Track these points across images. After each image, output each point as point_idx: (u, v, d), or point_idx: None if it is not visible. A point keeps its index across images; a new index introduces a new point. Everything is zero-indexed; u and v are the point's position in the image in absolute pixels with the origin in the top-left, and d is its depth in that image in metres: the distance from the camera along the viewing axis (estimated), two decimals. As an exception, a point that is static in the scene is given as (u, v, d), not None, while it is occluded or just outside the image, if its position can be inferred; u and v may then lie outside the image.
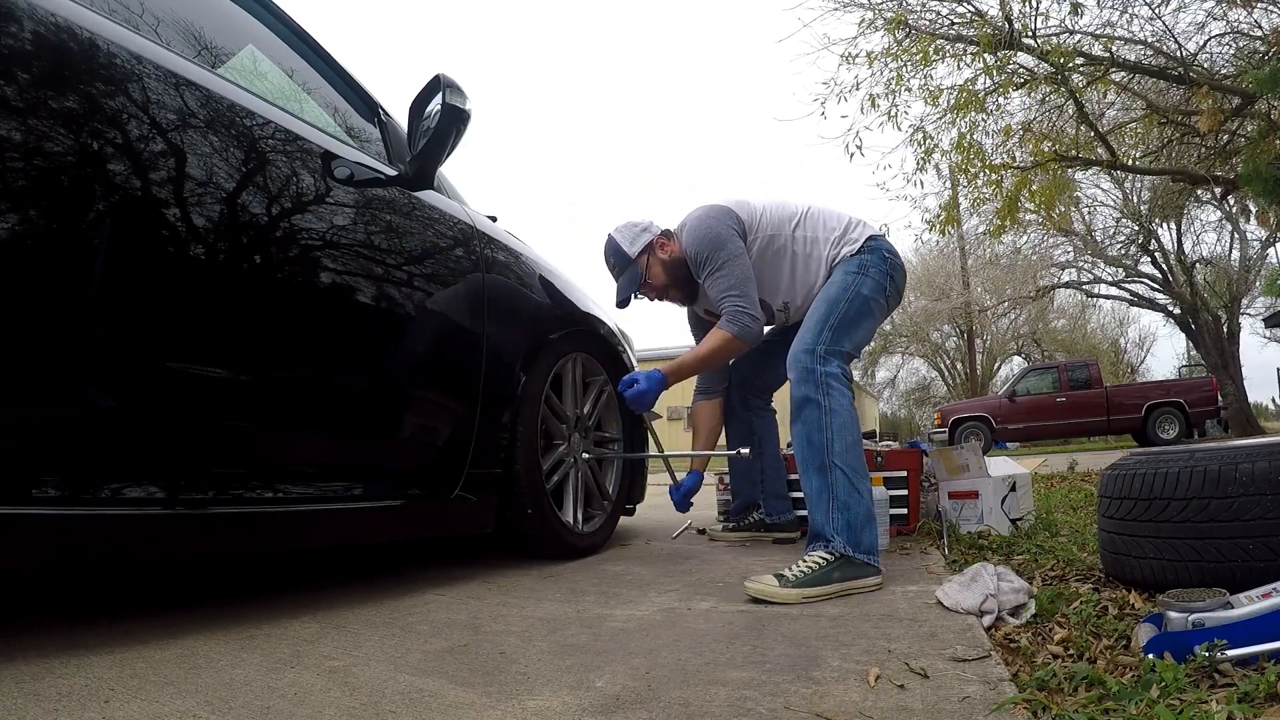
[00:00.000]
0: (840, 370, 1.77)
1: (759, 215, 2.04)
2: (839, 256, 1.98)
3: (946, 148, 7.13)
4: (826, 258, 2.00)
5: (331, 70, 1.77)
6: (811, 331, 1.82)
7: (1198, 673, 0.91)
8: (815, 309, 1.89)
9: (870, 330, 1.93)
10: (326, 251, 1.45)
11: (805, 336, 1.82)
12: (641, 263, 2.14)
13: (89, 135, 1.06)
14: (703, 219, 2.02)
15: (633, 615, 1.40)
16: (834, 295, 1.88)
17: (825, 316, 1.84)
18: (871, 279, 1.92)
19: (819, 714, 0.86)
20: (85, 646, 1.11)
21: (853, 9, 6.84)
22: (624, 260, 2.14)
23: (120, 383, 1.11)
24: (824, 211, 2.07)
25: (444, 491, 1.73)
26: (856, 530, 1.62)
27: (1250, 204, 9.75)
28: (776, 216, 2.04)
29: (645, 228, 2.16)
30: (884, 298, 1.94)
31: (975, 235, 13.45)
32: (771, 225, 2.03)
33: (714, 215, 2.01)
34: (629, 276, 2.15)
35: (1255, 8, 6.58)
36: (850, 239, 1.99)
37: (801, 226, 2.03)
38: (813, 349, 1.78)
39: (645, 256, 2.14)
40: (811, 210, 2.07)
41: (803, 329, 1.86)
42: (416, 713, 0.89)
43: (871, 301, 1.90)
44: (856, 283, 1.90)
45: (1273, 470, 1.24)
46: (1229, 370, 13.69)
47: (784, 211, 2.06)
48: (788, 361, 1.83)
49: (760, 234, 2.03)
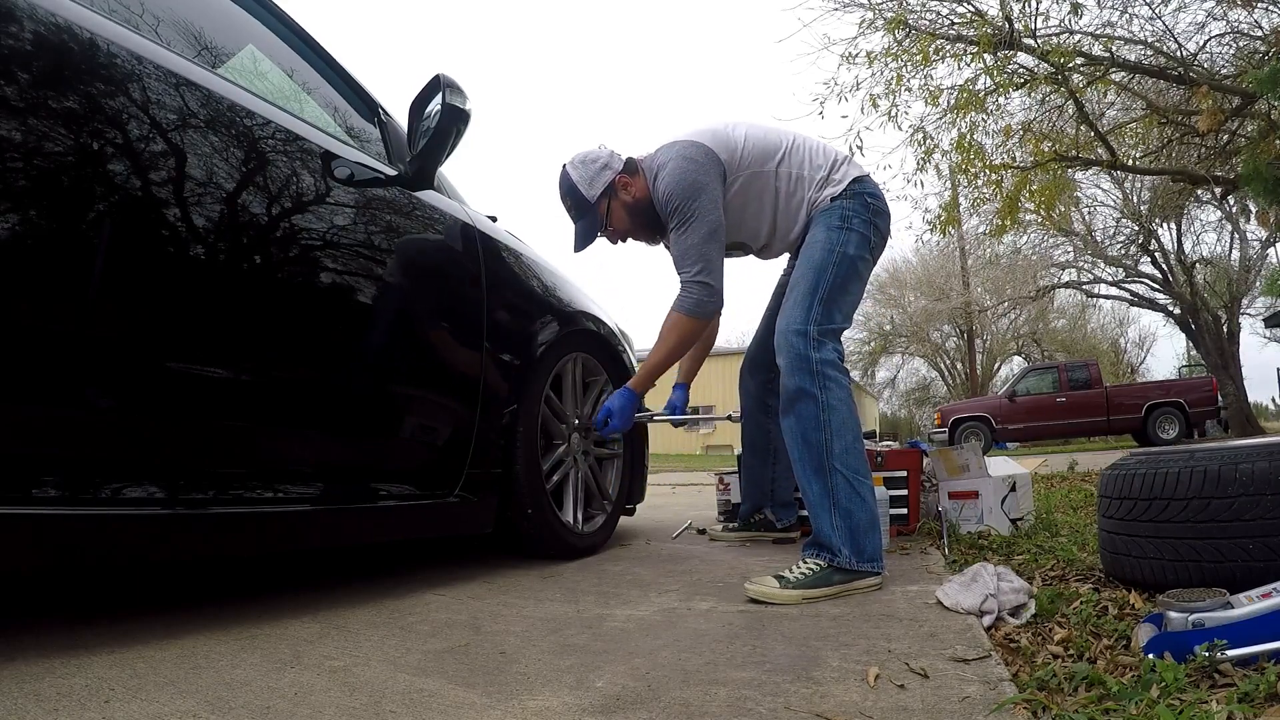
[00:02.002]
0: (836, 355, 1.70)
1: (740, 151, 1.87)
2: (820, 200, 1.86)
3: (947, 148, 7.13)
4: (808, 200, 1.88)
5: (331, 70, 1.77)
6: (800, 306, 1.72)
7: (1198, 673, 0.91)
8: (801, 278, 1.78)
9: (859, 292, 1.84)
10: (326, 251, 1.45)
11: (794, 312, 1.72)
12: (601, 207, 1.96)
13: (89, 135, 1.06)
14: (682, 164, 1.82)
15: (633, 615, 1.40)
16: (819, 260, 1.77)
17: (813, 287, 1.74)
18: (856, 233, 1.81)
19: (819, 714, 0.86)
20: (85, 646, 1.11)
21: (853, 9, 6.85)
22: (581, 204, 1.95)
23: (120, 383, 1.11)
24: (810, 146, 1.93)
25: (444, 491, 1.73)
26: (860, 538, 1.58)
27: (1250, 204, 9.75)
28: (759, 150, 1.88)
29: (606, 163, 1.95)
30: (869, 251, 1.84)
31: (975, 235, 13.45)
32: (754, 161, 1.88)
33: (695, 161, 1.82)
34: (587, 222, 1.97)
35: (1255, 8, 6.58)
36: (834, 179, 1.87)
37: (786, 162, 1.89)
38: (804, 330, 1.69)
39: (606, 200, 1.95)
40: (797, 142, 1.92)
41: (789, 301, 1.76)
42: (416, 713, 0.89)
43: (858, 260, 1.80)
44: (841, 240, 1.79)
45: (1273, 470, 1.24)
46: (1229, 370, 13.68)
47: (767, 144, 1.89)
48: (776, 342, 1.73)
49: (742, 172, 1.87)
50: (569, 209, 2.00)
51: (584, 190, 1.94)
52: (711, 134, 1.88)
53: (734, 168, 1.87)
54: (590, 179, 1.94)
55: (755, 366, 2.29)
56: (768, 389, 2.22)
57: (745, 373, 2.33)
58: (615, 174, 1.95)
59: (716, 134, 1.88)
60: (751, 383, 2.31)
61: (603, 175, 1.94)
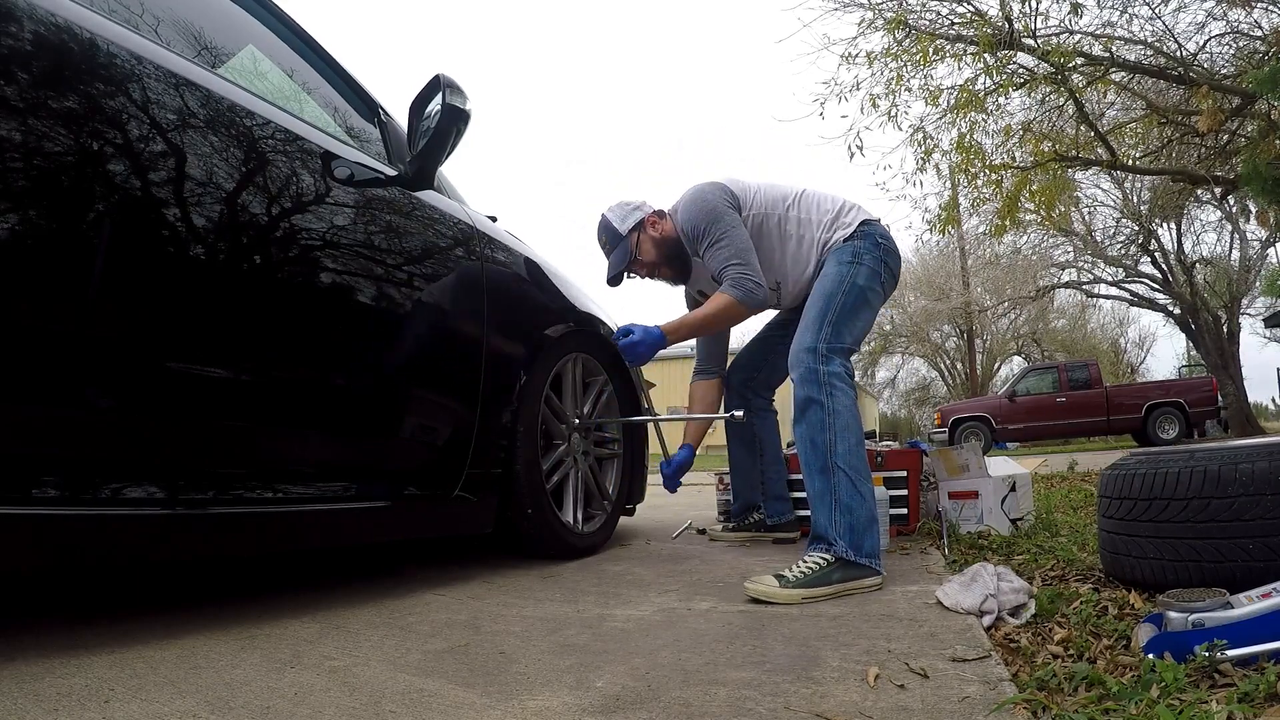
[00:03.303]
0: (843, 369, 1.77)
1: (752, 193, 2.05)
2: (831, 241, 1.98)
3: (946, 148, 7.14)
4: (819, 241, 2.00)
5: (331, 70, 1.77)
6: (811, 329, 1.81)
7: (1198, 673, 0.91)
8: (812, 304, 1.87)
9: (869, 321, 1.93)
10: (326, 252, 1.45)
11: (805, 334, 1.81)
12: (632, 240, 2.15)
13: (89, 135, 1.06)
14: (697, 195, 2.03)
15: (633, 615, 1.40)
16: (829, 289, 1.87)
17: (823, 312, 1.83)
18: (866, 267, 1.90)
19: (819, 714, 0.86)
20: (85, 646, 1.11)
21: (853, 9, 6.85)
22: (615, 237, 2.16)
23: (120, 383, 1.11)
24: (818, 194, 2.07)
25: (444, 491, 1.73)
26: (859, 534, 1.62)
27: (1250, 204, 9.76)
28: (770, 196, 2.05)
29: (637, 206, 2.19)
30: (880, 285, 1.93)
31: (975, 235, 13.47)
32: (765, 204, 2.04)
33: (708, 190, 2.03)
34: (619, 253, 2.16)
35: (1255, 8, 6.58)
36: (843, 223, 1.98)
37: (795, 207, 2.04)
38: (814, 348, 1.77)
39: (636, 234, 2.16)
40: (806, 192, 2.07)
41: (802, 326, 1.85)
42: (416, 713, 0.89)
43: (868, 291, 1.89)
44: (851, 273, 1.89)
45: (1273, 470, 1.24)
46: (1229, 370, 13.68)
47: (777, 192, 2.06)
48: (789, 361, 1.83)
49: (753, 210, 2.03)
50: (603, 245, 2.21)
51: (617, 225, 2.17)
52: (727, 178, 2.09)
53: (745, 204, 2.04)
54: (624, 217, 2.17)
55: (737, 367, 2.47)
56: (748, 386, 2.45)
57: (731, 373, 2.48)
58: (645, 214, 2.17)
59: (730, 179, 2.09)
60: (735, 380, 2.47)
61: (634, 214, 2.17)
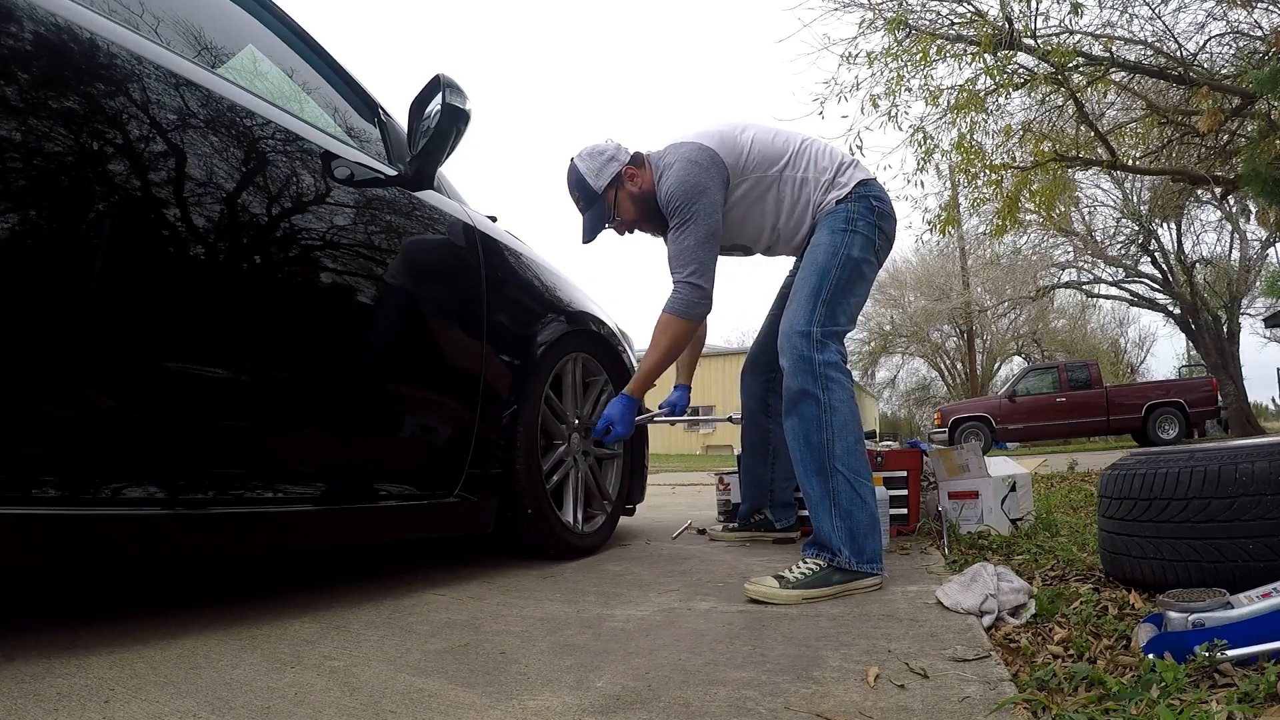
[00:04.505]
0: (838, 357, 1.71)
1: (745, 156, 1.88)
2: (825, 203, 1.88)
3: (947, 148, 7.13)
4: (813, 203, 1.90)
5: (331, 70, 1.77)
6: (804, 308, 1.74)
7: (1198, 673, 0.91)
8: (805, 280, 1.79)
9: (864, 294, 1.85)
10: (326, 252, 1.45)
11: (798, 314, 1.74)
12: (609, 197, 1.99)
13: (89, 136, 1.06)
14: (687, 166, 1.84)
15: (633, 615, 1.40)
16: (823, 262, 1.78)
17: (816, 289, 1.75)
18: (860, 234, 1.81)
19: (819, 714, 0.86)
20: (85, 646, 1.11)
21: (853, 9, 6.85)
22: (589, 195, 1.99)
23: (120, 383, 1.11)
24: (816, 149, 1.94)
25: (444, 491, 1.73)
26: (860, 539, 1.58)
27: (1250, 204, 9.75)
28: (765, 155, 1.90)
29: (612, 155, 1.98)
30: (874, 254, 1.85)
31: (975, 235, 13.45)
32: (759, 166, 1.90)
33: (699, 164, 1.84)
34: (595, 213, 2.01)
35: (1255, 8, 6.58)
36: (840, 182, 1.88)
37: (791, 166, 1.91)
38: (807, 331, 1.70)
39: (613, 191, 1.99)
40: (804, 145, 1.93)
41: (793, 303, 1.77)
42: (416, 713, 0.89)
43: (862, 263, 1.81)
44: (845, 243, 1.80)
45: (1273, 470, 1.24)
46: (1229, 370, 13.68)
47: (774, 148, 1.91)
48: (779, 344, 1.74)
49: (747, 176, 1.90)
50: (577, 201, 2.03)
51: (591, 181, 1.97)
52: (719, 137, 1.89)
53: (738, 172, 1.89)
54: (597, 170, 1.98)
55: (757, 367, 2.31)
56: (769, 390, 2.26)
57: (747, 373, 2.35)
58: (622, 165, 1.98)
59: (724, 137, 1.89)
60: (753, 383, 2.33)
61: (609, 167, 1.97)
